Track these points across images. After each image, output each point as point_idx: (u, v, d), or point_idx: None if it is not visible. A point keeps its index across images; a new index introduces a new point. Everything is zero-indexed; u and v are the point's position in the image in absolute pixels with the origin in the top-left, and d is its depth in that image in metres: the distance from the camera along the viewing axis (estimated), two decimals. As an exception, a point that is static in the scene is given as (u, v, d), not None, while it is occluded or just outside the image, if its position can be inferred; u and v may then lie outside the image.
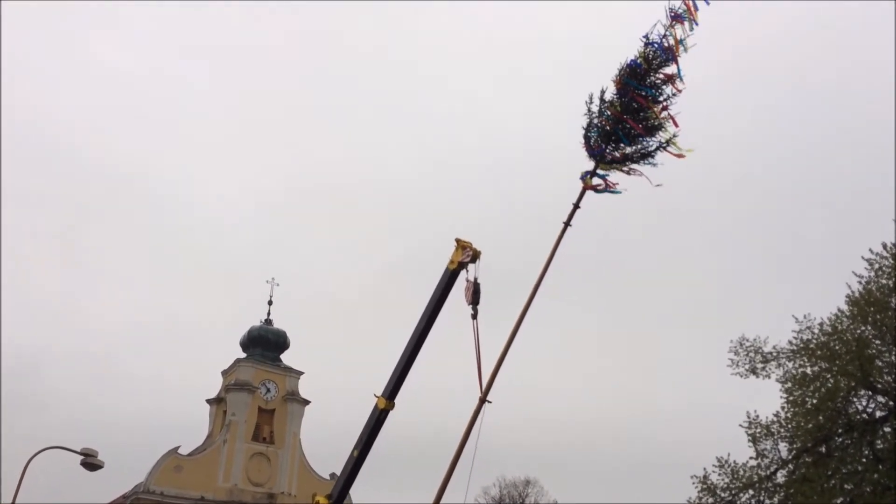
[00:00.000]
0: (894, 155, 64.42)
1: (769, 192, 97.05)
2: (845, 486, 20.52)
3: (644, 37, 17.36)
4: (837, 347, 21.32)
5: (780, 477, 21.53)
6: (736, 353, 23.27)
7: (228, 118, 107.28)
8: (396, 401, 18.26)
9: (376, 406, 18.15)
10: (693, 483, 22.02)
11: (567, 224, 17.68)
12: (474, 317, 17.27)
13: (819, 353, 21.54)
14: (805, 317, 22.32)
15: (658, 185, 17.50)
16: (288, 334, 50.00)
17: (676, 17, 17.40)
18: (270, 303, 50.07)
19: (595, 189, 17.84)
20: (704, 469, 22.03)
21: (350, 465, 18.37)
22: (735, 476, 21.74)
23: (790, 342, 22.41)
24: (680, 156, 17.45)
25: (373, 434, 18.20)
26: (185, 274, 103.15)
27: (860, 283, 21.73)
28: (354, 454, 18.32)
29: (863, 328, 21.29)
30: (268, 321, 49.87)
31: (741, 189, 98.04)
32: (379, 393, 18.27)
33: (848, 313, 21.63)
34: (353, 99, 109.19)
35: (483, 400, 16.30)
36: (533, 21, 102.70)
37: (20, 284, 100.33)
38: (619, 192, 17.84)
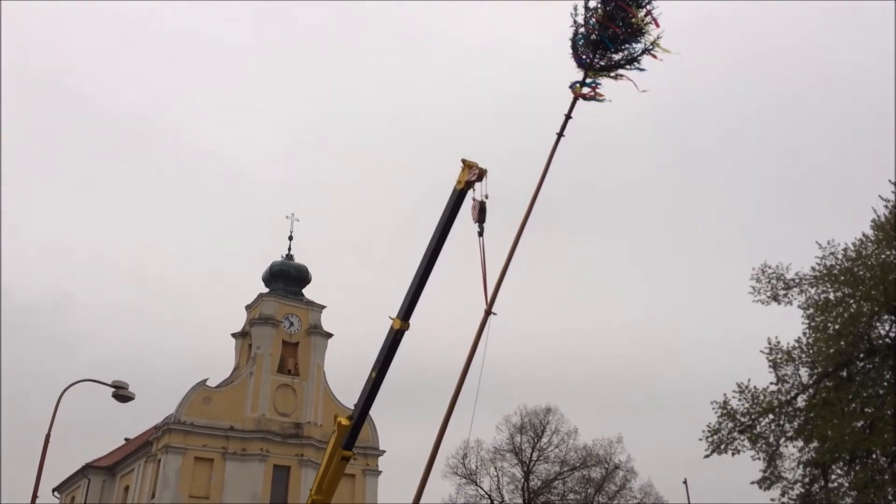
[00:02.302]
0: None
1: (793, 117, 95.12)
2: (866, 409, 20.61)
3: None
4: (861, 273, 21.10)
5: (801, 401, 21.64)
6: (758, 281, 23.09)
7: (256, 58, 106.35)
8: (412, 322, 18.51)
9: (392, 327, 18.41)
10: (713, 408, 22.18)
11: (560, 135, 18.22)
12: (480, 234, 17.52)
13: (842, 278, 21.32)
14: (829, 243, 22.05)
15: (644, 91, 17.91)
16: (309, 269, 50.49)
17: None
18: (291, 238, 50.47)
19: (584, 97, 18.29)
20: (724, 395, 22.17)
21: (369, 387, 18.77)
22: (755, 401, 21.84)
23: (813, 268, 22.18)
24: (666, 51, 17.91)
25: (389, 355, 18.53)
26: (210, 211, 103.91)
27: (886, 207, 21.33)
28: (373, 375, 18.70)
29: (888, 253, 21.00)
30: (289, 256, 50.23)
31: (765, 116, 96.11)
32: (394, 315, 18.50)
33: (873, 238, 21.32)
34: (379, 37, 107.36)
35: (488, 312, 16.76)
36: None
37: (50, 225, 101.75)
38: (604, 101, 18.32)
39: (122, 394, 25.66)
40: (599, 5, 17.99)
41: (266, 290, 48.70)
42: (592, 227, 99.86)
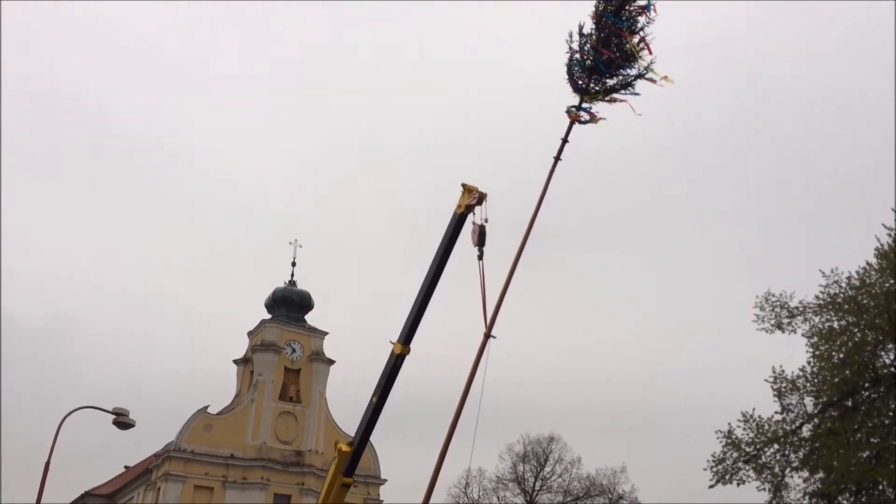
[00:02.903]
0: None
1: (796, 145, 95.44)
2: (871, 439, 20.42)
3: None
4: (865, 301, 21.02)
5: (806, 431, 21.45)
6: (761, 309, 22.99)
7: (258, 83, 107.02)
8: (413, 346, 18.51)
9: (392, 352, 18.39)
10: (717, 438, 21.98)
11: (557, 158, 18.52)
12: (480, 258, 17.61)
13: (847, 306, 21.25)
14: (832, 271, 21.97)
15: (639, 115, 18.18)
16: (312, 295, 50.48)
17: None
18: (294, 264, 50.55)
19: (580, 121, 18.66)
20: (729, 424, 21.97)
21: (369, 412, 18.72)
22: (760, 430, 21.66)
23: (817, 297, 22.08)
24: (661, 81, 18.19)
25: (390, 380, 18.49)
26: (212, 236, 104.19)
27: (889, 235, 21.32)
28: (373, 400, 18.64)
29: (892, 281, 20.94)
30: (292, 282, 50.27)
31: (769, 144, 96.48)
32: (395, 339, 18.49)
33: (876, 266, 21.28)
34: (383, 59, 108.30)
35: (487, 335, 16.84)
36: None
37: (52, 249, 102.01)
38: (601, 120, 18.74)
39: (122, 421, 25.49)
40: (594, 31, 18.39)
41: (268, 316, 48.67)
42: (593, 252, 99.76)
